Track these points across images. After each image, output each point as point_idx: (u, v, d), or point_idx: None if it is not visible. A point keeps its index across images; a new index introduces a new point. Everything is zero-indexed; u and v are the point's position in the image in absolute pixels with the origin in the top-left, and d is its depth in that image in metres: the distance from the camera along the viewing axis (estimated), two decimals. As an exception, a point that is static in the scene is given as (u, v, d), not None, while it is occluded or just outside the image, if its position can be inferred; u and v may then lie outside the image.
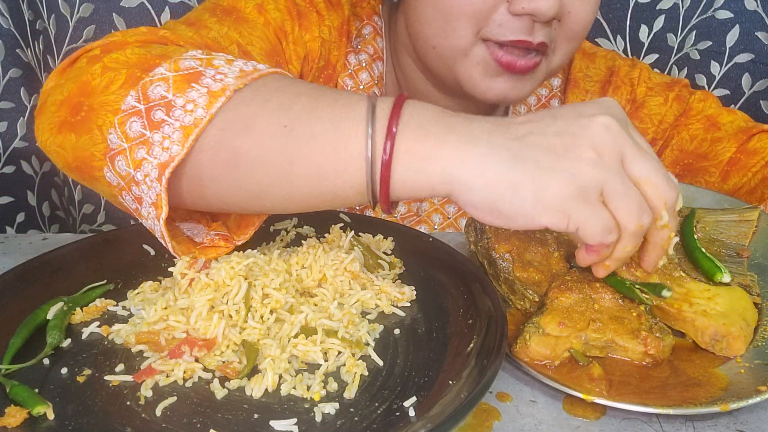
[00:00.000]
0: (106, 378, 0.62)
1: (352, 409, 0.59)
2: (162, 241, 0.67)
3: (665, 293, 0.67)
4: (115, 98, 0.63)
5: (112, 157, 0.63)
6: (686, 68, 1.25)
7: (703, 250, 0.76)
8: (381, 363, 0.64)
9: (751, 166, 1.02)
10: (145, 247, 0.81)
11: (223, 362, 0.63)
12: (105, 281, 0.75)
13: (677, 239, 0.61)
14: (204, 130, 0.61)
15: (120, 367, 0.63)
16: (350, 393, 0.60)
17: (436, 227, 1.07)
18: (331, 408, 0.58)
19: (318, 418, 0.57)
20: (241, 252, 0.75)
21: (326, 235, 0.82)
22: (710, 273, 0.73)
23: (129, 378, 0.62)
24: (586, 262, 0.65)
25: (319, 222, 0.85)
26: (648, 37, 1.23)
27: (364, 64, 1.05)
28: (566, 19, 0.89)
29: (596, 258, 0.64)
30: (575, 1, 0.88)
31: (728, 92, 1.25)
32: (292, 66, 0.94)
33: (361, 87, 1.05)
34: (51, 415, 0.57)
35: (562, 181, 0.56)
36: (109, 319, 0.70)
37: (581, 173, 0.56)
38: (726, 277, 0.72)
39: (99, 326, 0.68)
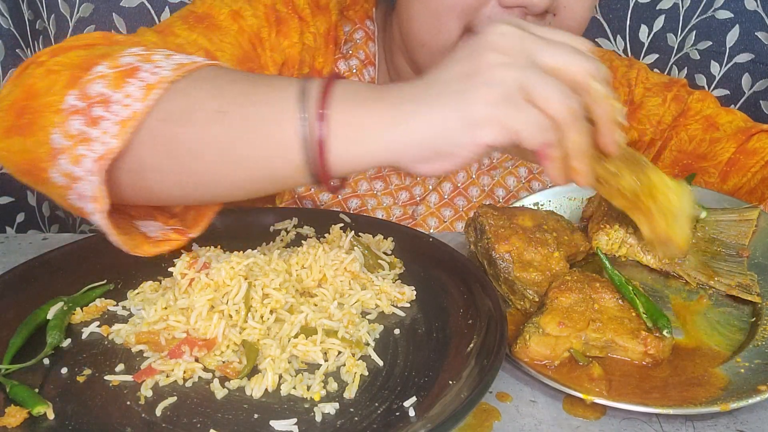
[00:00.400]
0: (106, 378, 0.62)
1: (352, 409, 0.59)
2: (109, 236, 0.67)
3: (666, 333, 0.66)
4: (57, 99, 0.64)
5: (56, 156, 0.63)
6: (686, 68, 1.25)
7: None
8: (381, 363, 0.64)
9: (750, 167, 1.02)
10: (145, 247, 0.81)
11: (223, 362, 0.63)
12: (105, 281, 0.75)
13: (622, 107, 0.60)
14: (142, 122, 0.61)
15: (120, 367, 0.63)
16: (350, 393, 0.60)
17: (431, 230, 1.06)
18: (331, 408, 0.58)
19: (318, 418, 0.57)
20: (241, 252, 0.75)
21: (326, 235, 0.82)
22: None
23: (129, 378, 0.62)
24: (554, 176, 0.62)
25: (319, 222, 0.85)
26: (648, 37, 1.23)
27: (354, 70, 1.04)
28: (562, 13, 0.87)
29: (556, 164, 0.60)
30: None
31: (728, 92, 1.25)
32: (268, 72, 0.94)
33: None
34: (51, 415, 0.57)
35: (480, 95, 0.56)
36: (109, 319, 0.70)
37: (495, 80, 0.56)
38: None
39: (99, 326, 0.68)
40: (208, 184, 0.65)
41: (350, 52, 1.04)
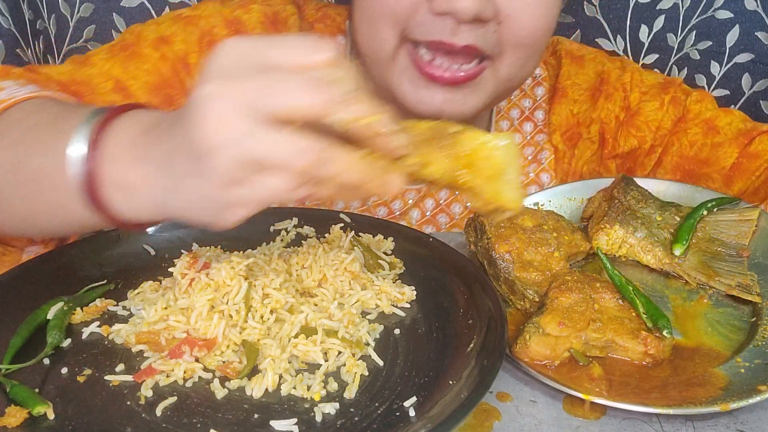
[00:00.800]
0: (106, 378, 0.62)
1: (352, 409, 0.59)
2: None
3: (666, 333, 0.66)
4: None
5: None
6: (686, 68, 1.25)
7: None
8: (381, 363, 0.64)
9: (754, 170, 1.01)
10: (146, 247, 0.81)
11: (223, 362, 0.63)
12: (105, 281, 0.75)
13: (380, 117, 0.52)
14: None
15: (120, 367, 0.63)
16: (350, 393, 0.60)
17: (443, 228, 1.05)
18: (331, 408, 0.58)
19: (318, 418, 0.57)
20: (241, 252, 0.75)
21: (326, 235, 0.81)
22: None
23: (129, 378, 0.62)
24: (351, 200, 0.58)
25: (319, 222, 0.85)
26: (648, 37, 1.22)
27: None
28: (507, 22, 0.84)
29: (342, 194, 0.55)
30: (515, 3, 0.83)
31: (728, 92, 1.25)
32: None
33: None
34: (51, 415, 0.57)
35: (214, 181, 0.52)
36: (109, 319, 0.70)
37: (220, 166, 0.51)
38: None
39: (99, 326, 0.68)
40: (13, 222, 0.68)
41: None
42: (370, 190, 0.54)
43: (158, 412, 0.58)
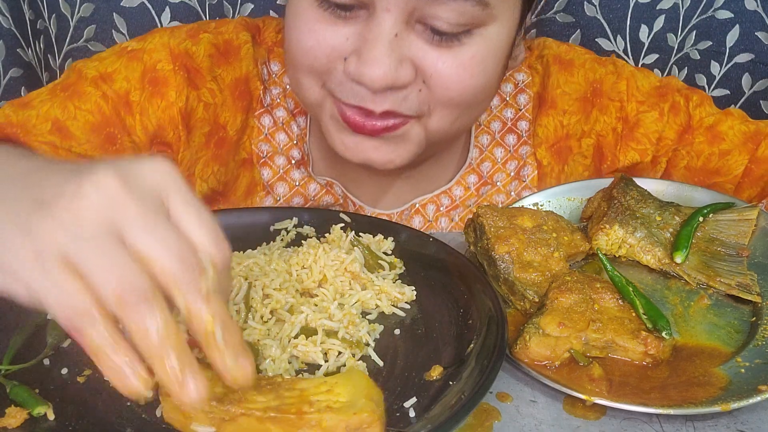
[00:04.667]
0: (106, 378, 0.62)
1: (352, 410, 0.59)
2: None
3: (665, 335, 0.65)
4: None
5: None
6: (686, 68, 1.25)
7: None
8: (381, 363, 0.64)
9: (762, 175, 0.99)
10: (146, 247, 0.81)
11: None
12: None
13: (219, 329, 0.47)
14: None
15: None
16: (350, 393, 0.60)
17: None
18: (331, 408, 0.58)
19: (318, 419, 0.57)
20: (241, 252, 0.75)
21: (326, 235, 0.82)
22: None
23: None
24: (110, 376, 0.47)
25: (319, 222, 0.85)
26: (648, 37, 1.22)
27: (281, 123, 0.98)
28: (431, 83, 0.79)
29: (104, 361, 0.47)
30: (438, 63, 0.77)
31: (728, 92, 1.25)
32: (135, 136, 0.90)
33: (280, 150, 0.98)
34: (51, 415, 0.57)
35: (18, 241, 0.47)
36: (110, 319, 0.70)
37: (40, 235, 0.46)
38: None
39: (99, 326, 0.68)
40: None
41: (278, 100, 0.99)
42: (163, 379, 0.46)
43: (158, 412, 0.58)
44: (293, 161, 0.99)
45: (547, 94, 1.02)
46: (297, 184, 0.99)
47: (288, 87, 0.99)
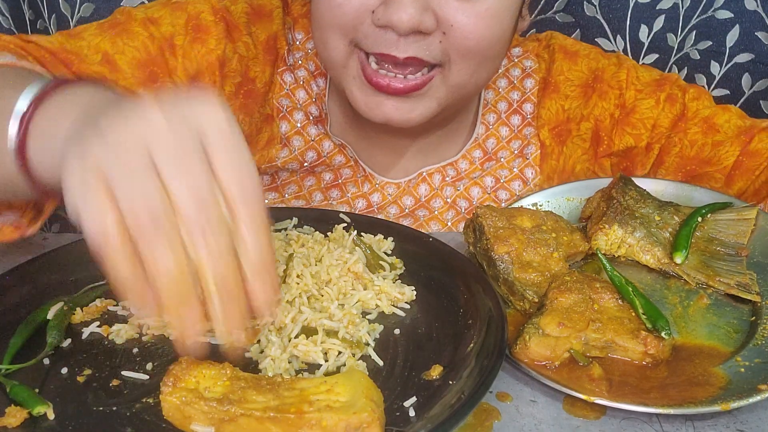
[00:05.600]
0: (106, 378, 0.62)
1: (352, 409, 0.58)
2: None
3: (664, 335, 0.66)
4: None
5: None
6: (686, 68, 1.25)
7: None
8: (381, 363, 0.64)
9: (754, 169, 1.00)
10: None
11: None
12: (105, 281, 0.75)
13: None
14: None
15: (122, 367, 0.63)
16: (350, 393, 0.60)
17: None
18: (331, 408, 0.58)
19: (318, 418, 0.57)
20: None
21: (328, 234, 0.81)
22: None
23: (130, 377, 0.62)
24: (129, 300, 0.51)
25: (320, 222, 0.85)
26: (648, 37, 1.22)
27: (302, 81, 1.04)
28: (451, 32, 0.84)
29: (123, 284, 0.50)
30: (458, 14, 0.84)
31: (728, 92, 1.25)
32: (177, 77, 0.95)
33: (299, 106, 1.04)
34: (51, 415, 0.57)
35: (75, 161, 0.51)
36: (109, 319, 0.70)
37: (88, 154, 0.50)
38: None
39: (99, 326, 0.68)
40: None
41: (300, 62, 1.04)
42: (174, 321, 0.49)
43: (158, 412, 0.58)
44: (311, 117, 1.04)
45: (551, 78, 1.07)
46: (312, 139, 1.04)
47: (310, 51, 1.04)
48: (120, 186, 0.49)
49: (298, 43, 1.05)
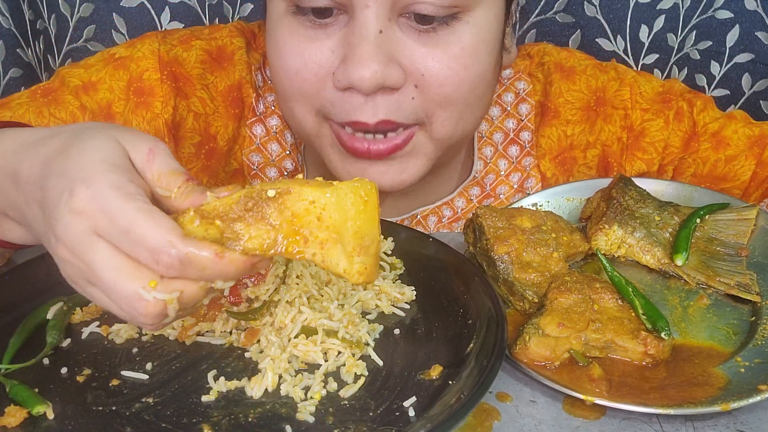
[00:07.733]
0: (105, 378, 0.62)
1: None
2: None
3: (664, 335, 0.65)
4: None
5: None
6: (686, 68, 1.25)
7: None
8: (381, 363, 0.64)
9: (767, 177, 0.99)
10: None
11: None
12: (105, 281, 0.75)
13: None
14: None
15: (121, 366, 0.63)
16: (350, 393, 0.60)
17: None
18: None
19: (318, 418, 0.57)
20: None
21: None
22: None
23: (129, 376, 0.62)
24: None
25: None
26: (648, 37, 1.22)
27: (274, 131, 0.96)
28: (424, 83, 0.76)
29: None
30: (428, 61, 0.76)
31: (728, 92, 1.25)
32: None
33: (272, 161, 0.95)
34: (51, 415, 0.57)
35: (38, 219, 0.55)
36: (109, 319, 0.70)
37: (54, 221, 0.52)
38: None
39: (99, 326, 0.68)
40: None
41: (272, 107, 0.96)
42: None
43: (158, 412, 0.58)
44: (286, 173, 0.97)
45: (550, 103, 1.01)
46: None
47: None
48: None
49: (269, 82, 0.96)
